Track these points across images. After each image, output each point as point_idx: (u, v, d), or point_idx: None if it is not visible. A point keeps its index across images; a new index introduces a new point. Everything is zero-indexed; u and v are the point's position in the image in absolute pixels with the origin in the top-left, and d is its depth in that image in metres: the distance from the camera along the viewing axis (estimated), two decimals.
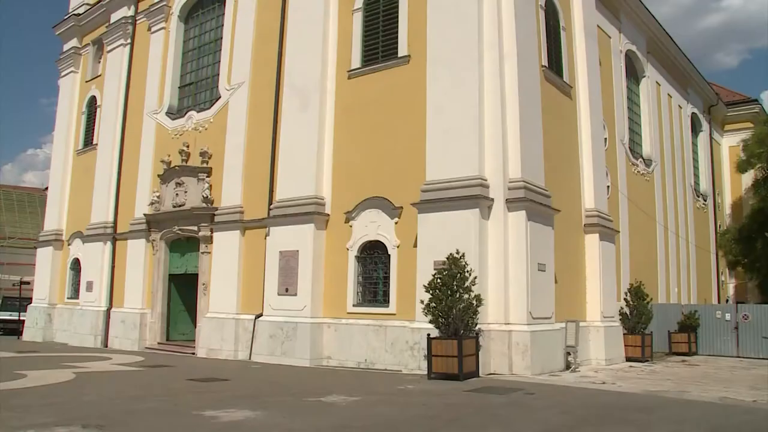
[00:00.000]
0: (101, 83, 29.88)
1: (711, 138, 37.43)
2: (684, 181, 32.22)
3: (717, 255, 36.10)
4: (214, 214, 22.12)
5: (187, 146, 23.69)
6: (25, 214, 52.36)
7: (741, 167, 33.99)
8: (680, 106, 32.82)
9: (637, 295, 21.66)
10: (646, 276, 23.77)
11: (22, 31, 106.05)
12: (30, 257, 37.55)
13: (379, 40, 19.17)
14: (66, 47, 32.85)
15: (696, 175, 35.14)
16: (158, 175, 24.46)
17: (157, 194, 24.36)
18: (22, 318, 32.02)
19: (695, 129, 35.64)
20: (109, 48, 29.31)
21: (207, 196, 22.48)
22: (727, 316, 24.37)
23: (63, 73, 32.77)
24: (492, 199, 16.26)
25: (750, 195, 35.80)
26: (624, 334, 21.15)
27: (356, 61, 19.47)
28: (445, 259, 14.98)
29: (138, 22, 28.06)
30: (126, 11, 28.55)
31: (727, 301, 36.49)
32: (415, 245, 16.81)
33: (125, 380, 15.31)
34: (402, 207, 17.50)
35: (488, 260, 16.04)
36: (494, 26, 17.01)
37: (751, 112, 39.01)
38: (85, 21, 31.51)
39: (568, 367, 17.33)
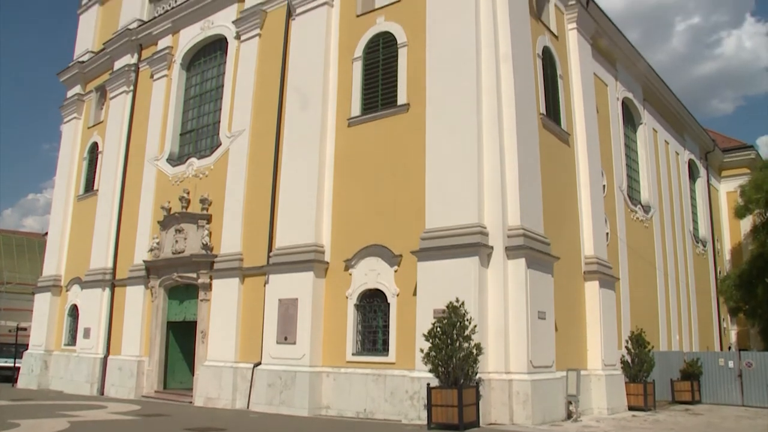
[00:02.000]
0: (103, 129, 30.14)
1: (709, 184, 37.61)
2: (683, 228, 32.26)
3: (718, 301, 35.93)
4: (214, 261, 22.07)
5: (188, 193, 23.79)
6: (24, 260, 52.19)
7: (739, 213, 34.04)
8: (677, 153, 33.06)
9: (639, 343, 21.48)
10: (647, 323, 23.62)
11: (27, 77, 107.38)
12: (28, 303, 37.30)
13: (379, 89, 19.41)
14: (69, 94, 33.24)
15: (695, 221, 35.20)
16: (158, 222, 24.48)
17: (157, 241, 24.36)
18: (17, 365, 31.68)
19: (693, 175, 35.84)
20: (111, 95, 29.65)
21: (206, 243, 22.48)
22: (731, 364, 24.13)
23: (66, 119, 33.08)
24: (491, 247, 16.24)
25: (749, 240, 35.80)
26: (626, 382, 20.91)
27: (356, 109, 19.68)
28: (445, 308, 14.90)
29: (141, 69, 28.45)
30: (129, 59, 28.98)
31: (729, 348, 36.17)
32: (415, 293, 16.75)
33: (120, 430, 15.10)
34: (401, 255, 17.48)
35: (488, 308, 15.96)
36: (492, 75, 17.23)
37: (748, 158, 39.27)
38: (89, 68, 31.94)
39: (569, 416, 17.09)
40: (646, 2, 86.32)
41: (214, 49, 25.66)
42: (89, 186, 30.61)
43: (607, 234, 22.65)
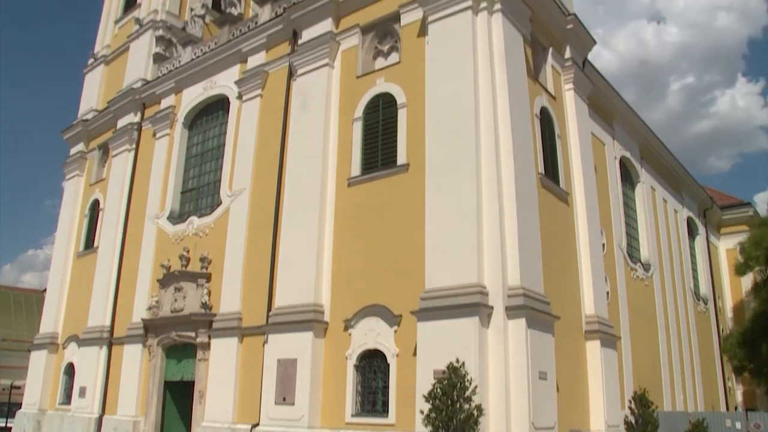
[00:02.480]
0: (105, 187, 30.33)
1: (708, 241, 37.67)
2: (684, 285, 32.16)
3: (722, 360, 35.54)
4: (213, 321, 21.95)
5: (188, 251, 23.80)
6: (21, 316, 51.89)
7: (740, 270, 33.92)
8: (676, 210, 33.21)
9: (642, 403, 21.10)
10: (650, 383, 23.31)
11: (31, 133, 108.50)
12: (23, 360, 36.85)
13: (379, 149, 19.58)
14: (73, 151, 33.59)
15: (695, 279, 35.12)
16: (157, 280, 24.42)
17: (156, 299, 24.25)
18: (9, 425, 31.12)
19: (692, 232, 35.92)
20: (114, 153, 29.96)
21: (206, 302, 22.38)
22: (738, 425, 23.61)
23: (68, 177, 33.33)
24: (491, 307, 16.12)
25: (751, 298, 35.59)
26: None
27: (356, 168, 19.82)
28: (445, 368, 14.72)
29: (144, 128, 28.83)
30: (132, 117, 29.39)
31: (736, 408, 35.61)
32: (415, 354, 16.54)
33: None
34: (401, 315, 17.35)
35: (489, 369, 15.74)
36: (491, 135, 17.39)
37: (746, 215, 39.47)
38: (93, 126, 32.41)
39: None
40: (641, 62, 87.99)
41: (216, 108, 26.06)
42: (89, 243, 30.64)
43: (608, 292, 22.56)
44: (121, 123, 29.84)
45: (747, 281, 36.13)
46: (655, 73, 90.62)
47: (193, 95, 26.60)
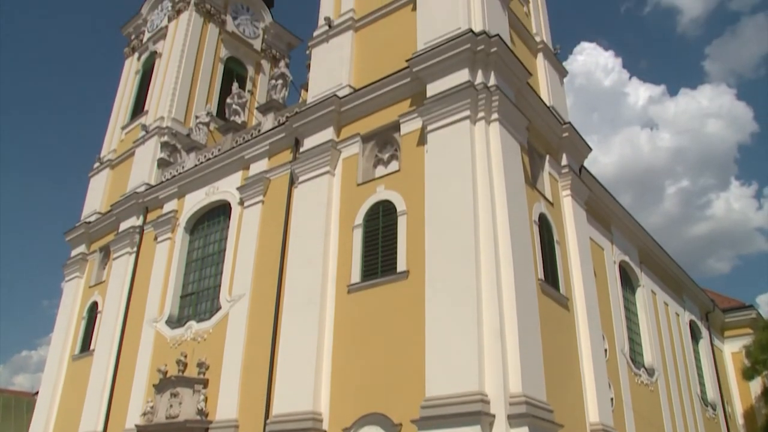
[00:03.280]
0: (104, 289, 30.26)
1: (712, 345, 37.21)
2: (690, 391, 31.54)
3: None
4: (209, 428, 21.41)
5: (185, 356, 23.48)
6: (10, 420, 50.45)
7: (747, 374, 33.45)
8: (677, 314, 33.01)
9: None
10: None
11: (31, 233, 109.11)
12: None
13: (379, 256, 19.64)
14: (74, 253, 33.66)
15: (702, 384, 34.45)
16: (153, 385, 23.94)
17: (151, 404, 23.72)
18: None
19: (695, 336, 35.55)
20: (115, 255, 30.06)
21: (202, 409, 21.89)
22: None
23: (68, 278, 33.27)
24: (493, 415, 15.75)
25: (761, 404, 34.87)
26: None
27: (356, 275, 19.81)
28: None
29: (145, 231, 29.05)
30: (135, 221, 29.69)
31: None
32: None
33: None
34: (401, 423, 16.92)
35: None
36: (490, 242, 17.47)
37: (749, 318, 39.18)
38: (95, 228, 32.61)
39: None
40: (636, 167, 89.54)
41: (217, 213, 26.36)
42: (85, 346, 30.26)
43: (612, 399, 22.12)
44: (124, 226, 30.10)
45: (756, 385, 35.47)
46: (651, 178, 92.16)
47: (196, 200, 26.99)
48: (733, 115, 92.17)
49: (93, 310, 30.90)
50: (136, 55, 38.00)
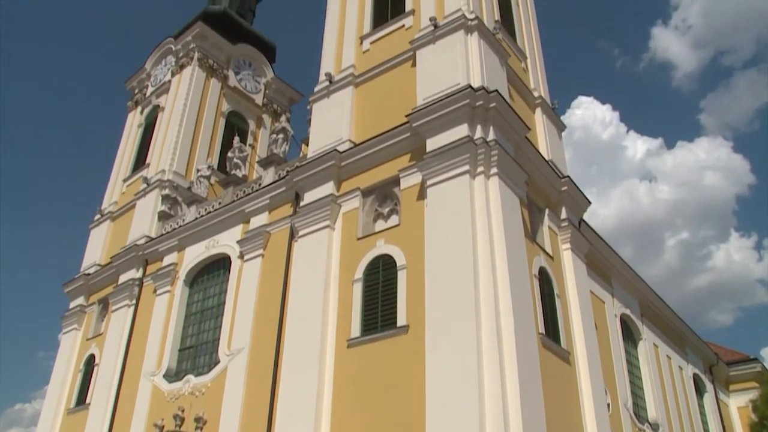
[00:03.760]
0: (102, 342, 30.01)
1: (717, 399, 36.70)
2: None
3: None
4: None
5: (183, 411, 23.16)
6: None
7: (755, 430, 32.79)
8: (681, 367, 32.67)
9: None
10: None
11: (29, 284, 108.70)
12: None
13: (379, 310, 19.52)
14: (72, 305, 33.45)
15: None
16: None
17: None
18: None
19: (699, 390, 35.10)
20: (113, 308, 29.92)
21: None
22: None
23: (65, 330, 33.02)
24: None
25: None
26: None
27: (356, 330, 19.64)
28: None
29: (145, 284, 28.97)
30: (134, 273, 29.61)
31: None
32: None
33: None
34: None
35: None
36: (491, 296, 17.41)
37: (755, 371, 38.72)
38: (94, 280, 32.51)
39: None
40: (635, 219, 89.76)
41: (217, 267, 26.33)
42: (81, 399, 29.84)
43: None
44: (123, 278, 30.03)
45: None
46: (651, 230, 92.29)
47: (196, 253, 26.98)
48: (731, 168, 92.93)
49: (90, 363, 30.60)
50: (139, 108, 38.55)
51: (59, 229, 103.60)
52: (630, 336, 28.29)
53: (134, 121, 38.50)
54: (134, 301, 28.99)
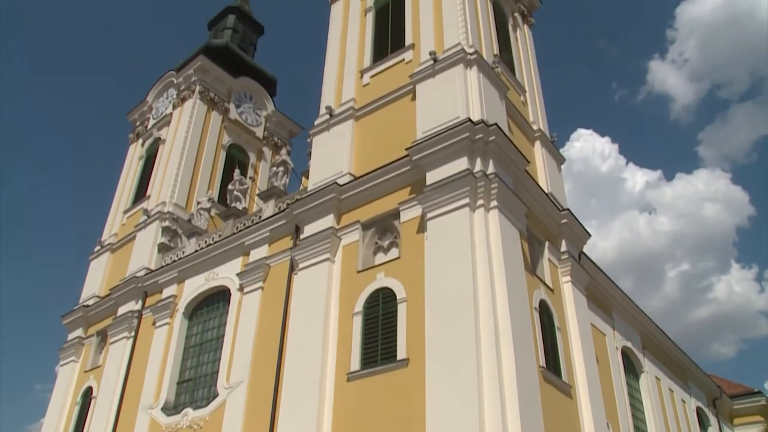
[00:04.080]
0: (99, 374, 29.78)
1: None
2: None
3: None
4: None
5: None
6: None
7: None
8: (683, 401, 32.40)
9: None
10: None
11: (26, 315, 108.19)
12: None
13: (379, 343, 19.42)
14: (70, 336, 33.26)
15: None
16: None
17: None
18: None
19: (703, 424, 34.77)
20: (112, 340, 29.75)
21: None
22: None
23: (63, 362, 32.79)
24: None
25: None
26: None
27: (355, 363, 19.51)
28: None
29: (144, 316, 28.84)
30: (133, 305, 29.50)
31: None
32: None
33: None
34: None
35: None
36: (491, 329, 17.33)
37: (759, 405, 38.41)
38: (93, 312, 32.36)
39: None
40: (635, 251, 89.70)
41: (217, 299, 26.25)
42: None
43: None
44: (122, 310, 29.91)
45: None
46: (651, 262, 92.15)
47: (195, 286, 26.91)
48: (730, 199, 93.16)
49: (87, 395, 30.34)
50: (141, 140, 38.76)
51: (58, 261, 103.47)
52: (632, 369, 28.11)
53: (135, 153, 38.70)
54: (133, 333, 28.84)
